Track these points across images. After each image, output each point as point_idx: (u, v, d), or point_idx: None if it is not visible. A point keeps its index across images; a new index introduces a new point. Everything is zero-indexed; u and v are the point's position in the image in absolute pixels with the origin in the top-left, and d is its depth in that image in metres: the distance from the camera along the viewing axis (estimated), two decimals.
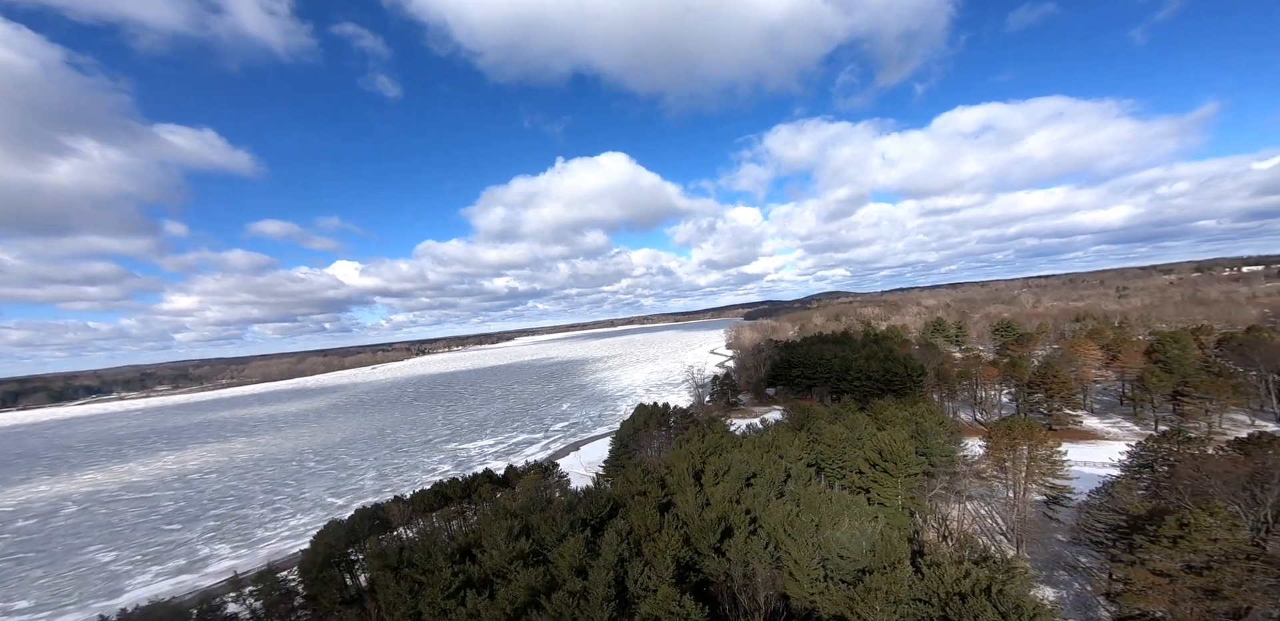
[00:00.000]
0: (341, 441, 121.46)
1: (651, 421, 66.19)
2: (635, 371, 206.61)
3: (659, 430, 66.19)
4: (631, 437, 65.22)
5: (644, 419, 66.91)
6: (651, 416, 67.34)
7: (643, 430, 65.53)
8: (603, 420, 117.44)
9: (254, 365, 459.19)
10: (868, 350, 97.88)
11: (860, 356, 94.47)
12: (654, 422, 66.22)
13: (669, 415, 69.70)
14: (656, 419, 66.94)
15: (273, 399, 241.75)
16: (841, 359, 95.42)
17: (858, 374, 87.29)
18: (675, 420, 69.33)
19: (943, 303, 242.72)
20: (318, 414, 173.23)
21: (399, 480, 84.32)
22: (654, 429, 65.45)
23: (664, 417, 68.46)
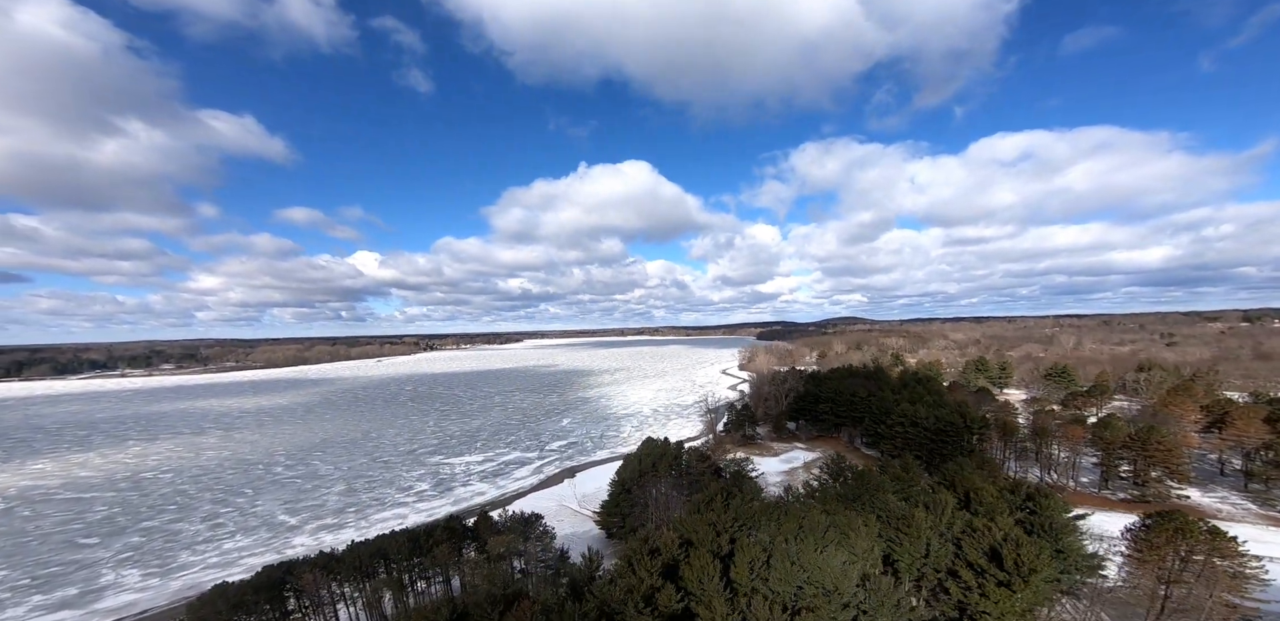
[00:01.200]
0: (321, 443, 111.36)
1: (661, 464, 54.65)
2: (642, 388, 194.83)
3: (668, 473, 54.60)
4: (636, 482, 53.70)
5: (651, 460, 55.42)
6: (661, 458, 55.84)
7: (649, 474, 53.99)
8: (604, 442, 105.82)
9: (260, 349, 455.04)
10: (911, 392, 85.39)
11: (902, 398, 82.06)
12: (663, 466, 54.67)
13: (680, 456, 58.18)
14: (667, 461, 55.40)
15: (268, 388, 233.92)
16: (879, 399, 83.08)
17: (901, 418, 74.86)
18: (689, 462, 57.73)
19: (971, 337, 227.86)
20: (306, 409, 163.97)
21: (368, 497, 73.51)
22: (663, 473, 53.87)
23: (675, 459, 56.92)
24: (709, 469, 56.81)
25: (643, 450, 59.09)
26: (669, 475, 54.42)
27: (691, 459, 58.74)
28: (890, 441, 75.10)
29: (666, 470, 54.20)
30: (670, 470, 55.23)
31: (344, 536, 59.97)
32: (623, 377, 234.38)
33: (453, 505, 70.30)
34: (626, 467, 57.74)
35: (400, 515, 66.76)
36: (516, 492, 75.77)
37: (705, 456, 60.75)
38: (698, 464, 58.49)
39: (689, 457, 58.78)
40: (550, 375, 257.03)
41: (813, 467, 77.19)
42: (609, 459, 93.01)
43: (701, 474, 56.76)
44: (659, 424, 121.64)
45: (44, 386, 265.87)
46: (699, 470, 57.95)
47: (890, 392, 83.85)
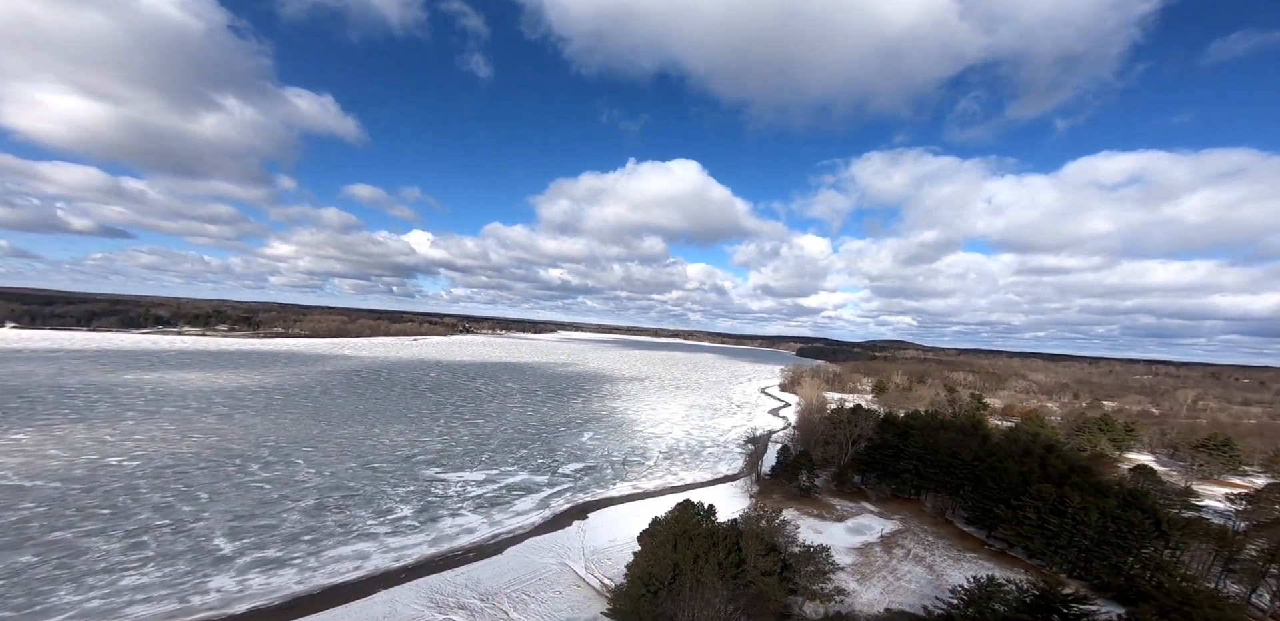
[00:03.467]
0: (317, 435, 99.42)
1: (708, 560, 36.67)
2: (673, 401, 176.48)
3: (717, 574, 36.44)
4: (668, 584, 35.98)
5: (693, 552, 37.50)
6: (708, 548, 37.85)
7: (689, 571, 36.16)
8: (626, 471, 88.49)
9: (309, 319, 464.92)
10: (1044, 463, 63.66)
11: (1031, 470, 60.66)
12: (710, 562, 36.64)
13: (736, 544, 40.00)
14: (717, 556, 37.32)
15: (299, 360, 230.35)
16: (994, 468, 61.82)
17: (1036, 501, 53.69)
18: (749, 561, 39.46)
19: (1056, 380, 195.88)
20: (323, 389, 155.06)
21: (334, 521, 59.05)
22: (709, 575, 35.80)
23: (729, 551, 38.78)
24: (779, 575, 38.40)
25: (677, 526, 41.26)
26: (717, 576, 36.28)
27: (751, 551, 40.30)
28: (1014, 527, 53.93)
29: (714, 570, 36.10)
30: (720, 567, 37.09)
31: (278, 582, 45.26)
32: (653, 387, 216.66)
33: (430, 546, 54.68)
34: (656, 554, 39.95)
35: (361, 554, 51.64)
36: (512, 535, 59.48)
37: (771, 547, 42.10)
38: (759, 560, 39.99)
39: (748, 550, 40.35)
40: (578, 375, 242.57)
41: (894, 545, 56.98)
42: (630, 496, 75.62)
43: (768, 574, 38.40)
44: (691, 453, 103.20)
45: (104, 338, 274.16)
46: (762, 568, 39.50)
47: (1012, 462, 62.21)
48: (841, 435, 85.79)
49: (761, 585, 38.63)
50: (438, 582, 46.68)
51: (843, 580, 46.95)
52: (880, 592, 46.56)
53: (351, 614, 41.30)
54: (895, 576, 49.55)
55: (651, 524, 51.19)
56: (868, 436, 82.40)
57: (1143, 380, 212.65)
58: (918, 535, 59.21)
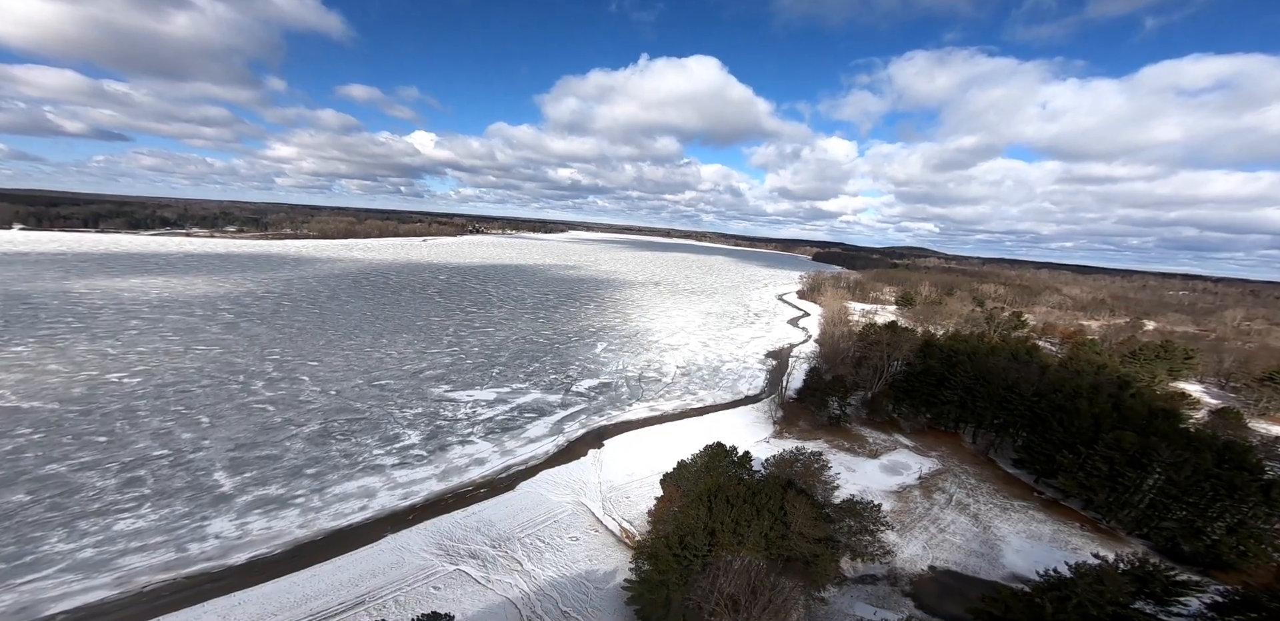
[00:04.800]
0: (324, 347, 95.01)
1: (750, 528, 30.14)
2: (688, 308, 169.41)
3: (759, 556, 30.30)
4: (706, 545, 30.02)
5: (733, 519, 30.92)
6: (750, 518, 31.13)
7: (725, 545, 30.02)
8: (642, 388, 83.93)
9: (316, 220, 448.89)
10: (1118, 404, 55.15)
11: (1105, 412, 52.45)
12: (752, 535, 30.22)
13: (781, 508, 33.39)
14: (764, 523, 30.76)
15: (308, 262, 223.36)
16: (1057, 406, 53.71)
17: (1111, 449, 46.41)
18: (794, 526, 33.10)
19: (1093, 296, 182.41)
20: (331, 293, 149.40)
21: (339, 451, 55.43)
22: (753, 554, 29.60)
23: (775, 517, 32.27)
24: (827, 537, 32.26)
25: (710, 480, 34.72)
26: (762, 550, 30.22)
27: (799, 517, 33.85)
28: (1077, 477, 47.76)
29: (759, 543, 29.90)
30: (766, 539, 30.90)
31: (279, 526, 41.91)
32: (667, 291, 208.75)
33: (439, 480, 51.11)
34: (687, 514, 33.81)
35: (367, 490, 48.16)
36: (525, 465, 55.79)
37: (821, 513, 35.70)
38: (808, 526, 33.72)
39: (795, 515, 33.86)
40: (589, 279, 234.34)
41: (934, 489, 52.29)
42: (648, 420, 71.37)
43: (819, 542, 32.48)
44: (709, 370, 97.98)
45: (111, 240, 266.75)
46: (812, 537, 33.50)
47: (1084, 402, 53.82)
48: (876, 356, 78.02)
49: (810, 558, 33.14)
50: (447, 525, 43.13)
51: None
52: (922, 547, 42.27)
53: (358, 564, 37.95)
54: (938, 527, 45.13)
55: (678, 468, 45.72)
56: (907, 360, 74.51)
57: (1179, 296, 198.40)
58: (959, 477, 54.38)
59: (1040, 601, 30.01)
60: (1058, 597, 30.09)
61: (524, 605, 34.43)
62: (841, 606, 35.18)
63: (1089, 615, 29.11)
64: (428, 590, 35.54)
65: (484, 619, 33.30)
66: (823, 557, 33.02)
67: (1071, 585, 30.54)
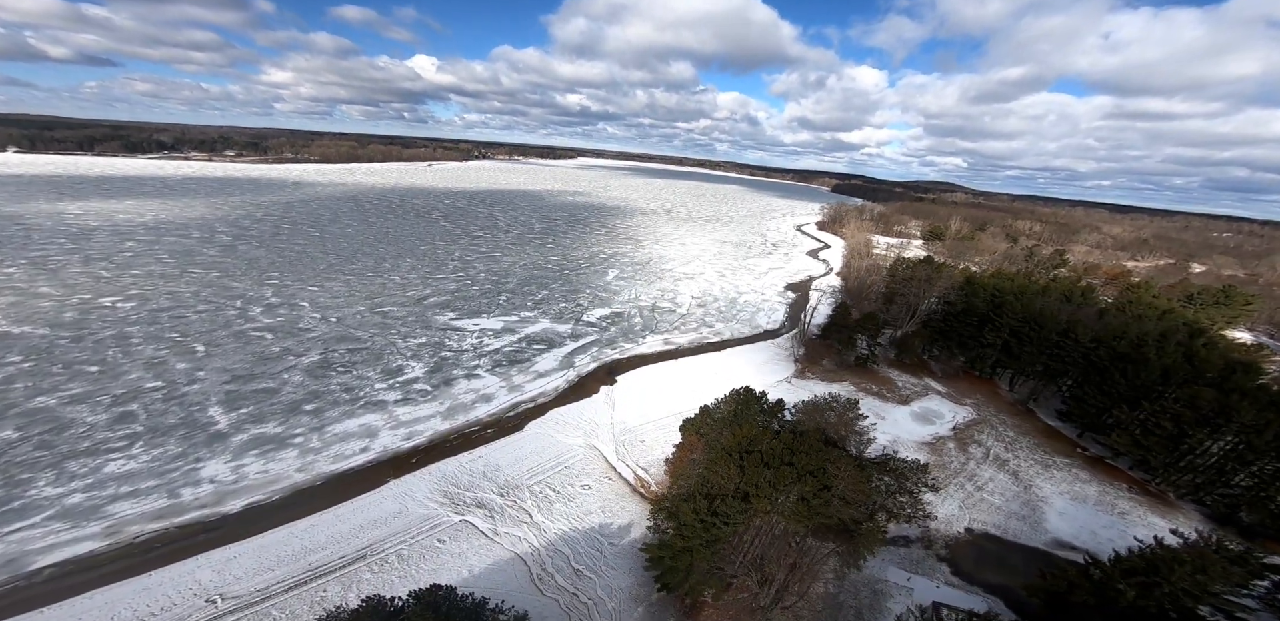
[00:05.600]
0: (325, 271, 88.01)
1: (788, 496, 24.63)
2: (702, 236, 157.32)
3: (801, 529, 25.16)
4: (738, 508, 25.04)
5: (768, 480, 25.30)
6: (789, 483, 25.51)
7: (759, 512, 24.74)
8: (656, 320, 77.52)
9: (317, 144, 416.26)
10: (1209, 358, 47.25)
11: (1175, 364, 44.92)
12: (790, 500, 24.84)
13: (822, 467, 27.81)
14: (795, 500, 25.23)
15: (309, 185, 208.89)
16: (1139, 362, 46.12)
17: (1187, 407, 39.75)
18: (836, 491, 27.73)
19: (1134, 235, 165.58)
20: (333, 216, 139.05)
21: (339, 384, 50.83)
22: (795, 526, 24.40)
23: (816, 496, 26.75)
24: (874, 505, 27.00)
25: (740, 434, 29.05)
26: (805, 518, 25.12)
27: (843, 481, 28.32)
28: (1136, 435, 41.88)
29: (802, 510, 24.74)
30: (807, 504, 25.70)
31: (276, 469, 38.16)
32: (680, 219, 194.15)
33: (444, 419, 46.80)
34: (715, 472, 28.51)
35: (369, 429, 43.99)
36: (534, 403, 51.18)
37: (867, 478, 30.22)
38: (851, 491, 28.38)
39: (838, 478, 28.27)
40: (600, 205, 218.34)
41: (970, 441, 47.22)
42: (663, 354, 65.77)
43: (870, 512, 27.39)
44: (725, 301, 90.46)
45: (108, 163, 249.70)
46: (855, 501, 28.42)
47: (1153, 351, 46.03)
48: (912, 293, 69.50)
49: (851, 525, 28.32)
50: (453, 470, 39.17)
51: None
52: (959, 506, 37.88)
53: (359, 512, 34.36)
54: (975, 485, 40.51)
55: (700, 414, 40.14)
56: (945, 298, 66.08)
57: (1223, 238, 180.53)
58: (996, 429, 49.06)
59: (1123, 587, 25.15)
60: (1142, 583, 25.18)
61: (534, 561, 30.92)
62: (872, 571, 31.40)
63: (1179, 604, 24.36)
64: (432, 543, 32.04)
65: (492, 576, 29.91)
66: (868, 527, 28.13)
67: (1159, 570, 25.45)
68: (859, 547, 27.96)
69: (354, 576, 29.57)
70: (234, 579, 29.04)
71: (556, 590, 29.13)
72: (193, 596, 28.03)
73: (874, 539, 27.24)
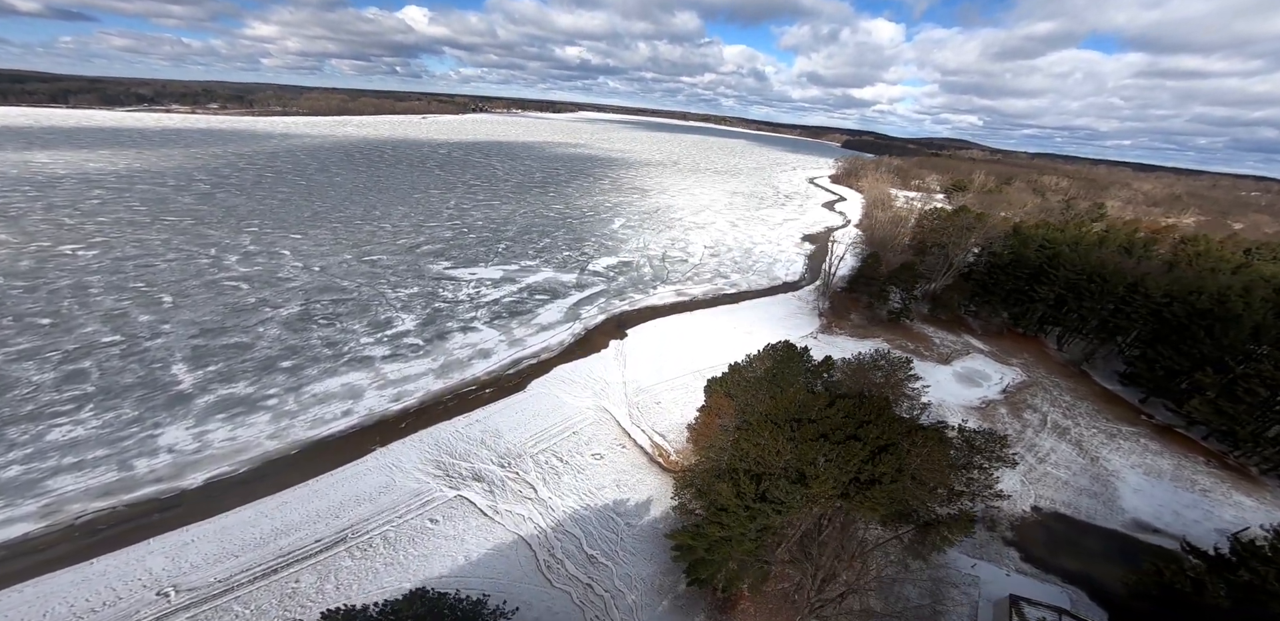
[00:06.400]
0: (309, 219, 78.96)
1: (858, 459, 18.16)
2: (711, 187, 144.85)
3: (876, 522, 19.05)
4: (786, 490, 18.76)
5: (827, 464, 18.71)
6: (863, 463, 18.89)
7: (820, 479, 18.42)
8: (667, 268, 69.82)
9: (306, 97, 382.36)
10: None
11: (1272, 324, 37.57)
12: (849, 457, 18.36)
13: (900, 462, 21.28)
14: (855, 449, 18.67)
15: (296, 137, 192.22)
16: (1226, 319, 38.70)
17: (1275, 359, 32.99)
18: (914, 466, 21.34)
19: (1167, 192, 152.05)
20: (321, 166, 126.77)
21: (320, 339, 44.19)
22: (869, 514, 18.16)
23: (894, 482, 20.20)
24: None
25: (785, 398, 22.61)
26: (884, 502, 19.12)
27: (925, 460, 22.00)
28: (1211, 399, 35.48)
29: (882, 501, 18.64)
30: (887, 490, 19.56)
31: (245, 435, 32.31)
32: (687, 170, 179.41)
33: (437, 377, 40.54)
34: (754, 444, 22.26)
35: (353, 389, 37.80)
36: (537, 359, 44.77)
37: (949, 454, 23.95)
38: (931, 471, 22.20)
39: (916, 458, 21.93)
40: (602, 157, 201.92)
41: (1024, 406, 41.07)
42: (676, 306, 58.76)
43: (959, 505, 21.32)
44: (740, 251, 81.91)
45: (83, 115, 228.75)
46: (937, 479, 22.34)
47: (1241, 305, 38.52)
48: (951, 243, 60.95)
49: (928, 515, 22.45)
50: (447, 436, 33.33)
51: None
52: (1020, 481, 32.30)
53: (338, 486, 28.81)
54: (1036, 456, 34.77)
55: (731, 372, 33.39)
56: (990, 249, 57.68)
57: (1253, 197, 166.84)
58: (1050, 392, 42.82)
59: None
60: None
61: (540, 545, 25.62)
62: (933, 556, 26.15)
63: None
64: (423, 523, 26.63)
65: (492, 563, 24.68)
66: (949, 515, 22.27)
67: None
68: (933, 539, 22.20)
69: (332, 563, 24.31)
70: (191, 567, 23.77)
71: (567, 580, 23.95)
72: (142, 588, 22.84)
73: (962, 529, 21.38)
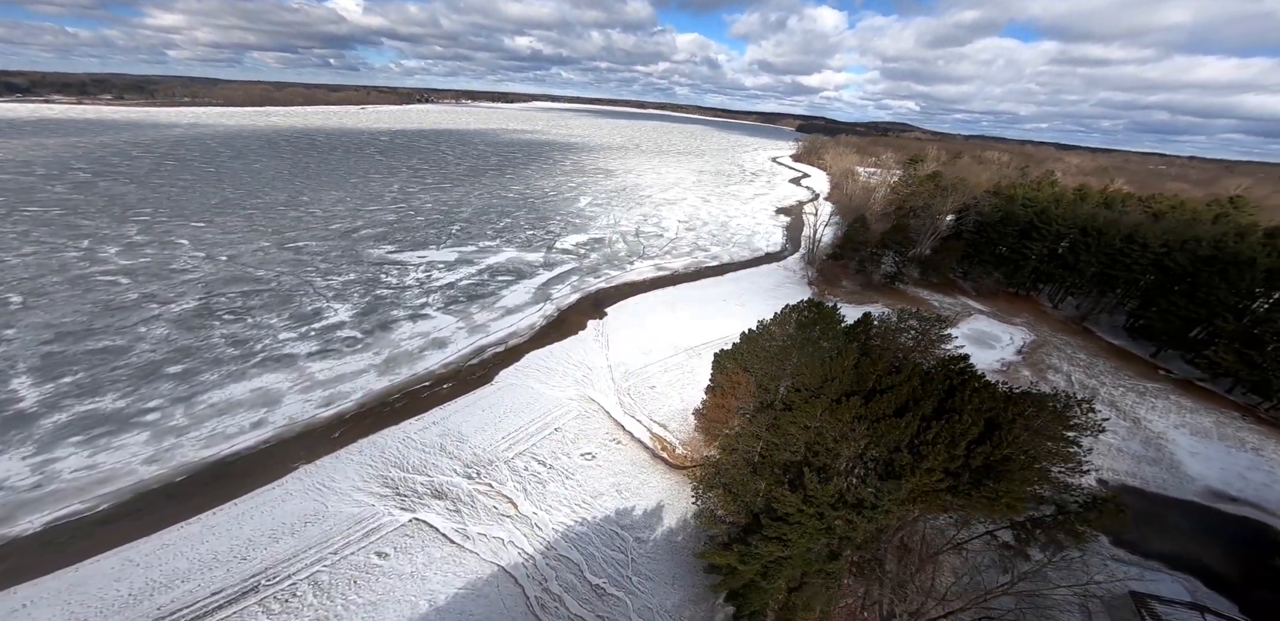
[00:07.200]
0: (215, 207, 67.03)
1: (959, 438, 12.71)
2: (677, 167, 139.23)
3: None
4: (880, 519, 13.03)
5: (916, 433, 13.02)
6: (952, 412, 13.40)
7: (914, 471, 12.99)
8: (643, 244, 63.80)
9: (222, 88, 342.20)
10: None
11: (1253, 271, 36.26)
12: (942, 436, 12.97)
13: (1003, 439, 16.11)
14: (959, 424, 13.26)
15: (207, 126, 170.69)
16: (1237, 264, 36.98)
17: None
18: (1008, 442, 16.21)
19: (1095, 164, 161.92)
20: (236, 152, 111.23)
21: (223, 337, 35.12)
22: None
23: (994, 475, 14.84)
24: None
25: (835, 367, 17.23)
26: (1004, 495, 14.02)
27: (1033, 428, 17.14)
28: (1234, 349, 33.52)
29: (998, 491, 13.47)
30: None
31: (110, 462, 23.79)
32: (651, 151, 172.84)
33: (381, 373, 32.72)
34: (799, 425, 16.56)
35: (266, 395, 29.51)
36: (503, 346, 37.65)
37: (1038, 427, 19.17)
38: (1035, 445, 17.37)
39: (1013, 434, 17.03)
40: (560, 141, 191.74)
41: (1045, 367, 38.16)
42: (658, 281, 52.92)
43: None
44: (716, 224, 76.93)
45: None
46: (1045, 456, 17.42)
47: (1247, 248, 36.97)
48: (935, 204, 58.17)
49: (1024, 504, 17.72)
50: (395, 444, 26.05)
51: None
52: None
53: (245, 519, 21.16)
54: None
55: (745, 341, 27.55)
56: (979, 209, 55.21)
57: (1162, 169, 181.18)
58: (1062, 351, 40.31)
59: None
60: None
61: (528, 577, 19.24)
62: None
63: None
64: (368, 559, 19.60)
65: (466, 606, 18.11)
66: (1079, 511, 17.72)
67: None
68: (1052, 534, 17.59)
69: None
70: None
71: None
72: None
73: (1112, 519, 16.77)
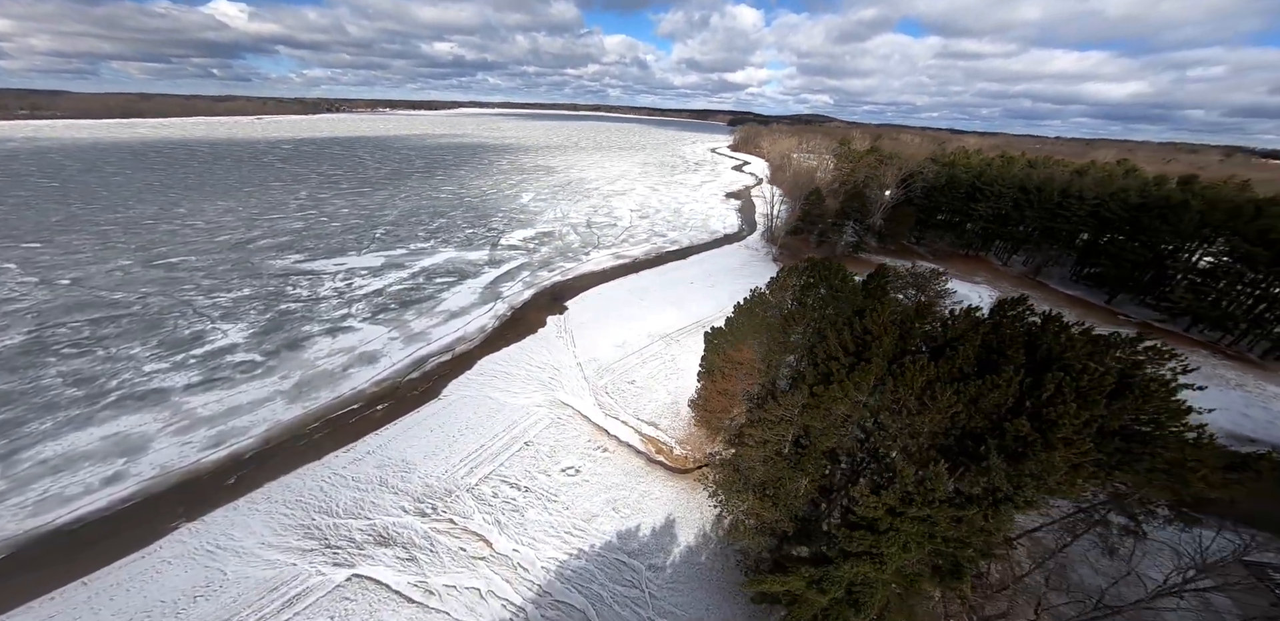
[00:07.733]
0: (55, 225, 54.62)
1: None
2: (620, 160, 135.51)
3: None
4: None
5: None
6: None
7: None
8: (596, 234, 59.18)
9: (68, 99, 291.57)
10: (1232, 199, 41.27)
11: (1214, 215, 38.38)
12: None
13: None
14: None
15: (47, 140, 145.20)
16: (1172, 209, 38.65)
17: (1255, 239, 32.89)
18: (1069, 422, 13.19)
19: (990, 143, 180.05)
20: (89, 165, 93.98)
21: (61, 375, 26.39)
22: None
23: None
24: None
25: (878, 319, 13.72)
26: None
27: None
28: (1193, 290, 34.69)
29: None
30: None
31: None
32: (590, 148, 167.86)
33: (291, 400, 25.69)
34: (844, 397, 12.82)
35: (123, 442, 21.85)
36: (450, 354, 31.57)
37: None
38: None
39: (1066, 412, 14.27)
40: (494, 144, 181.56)
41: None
42: (619, 269, 48.64)
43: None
44: (669, 211, 73.89)
45: None
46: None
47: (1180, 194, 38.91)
48: (884, 174, 58.41)
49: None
50: (316, 485, 19.66)
51: None
52: None
53: (96, 602, 14.30)
54: None
55: (740, 314, 23.76)
56: (924, 177, 55.87)
57: (1038, 148, 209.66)
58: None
59: None
60: None
61: None
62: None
63: None
64: None
65: None
66: (1208, 472, 15.14)
67: None
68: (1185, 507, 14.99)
69: None
70: None
71: None
72: None
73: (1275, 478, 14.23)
